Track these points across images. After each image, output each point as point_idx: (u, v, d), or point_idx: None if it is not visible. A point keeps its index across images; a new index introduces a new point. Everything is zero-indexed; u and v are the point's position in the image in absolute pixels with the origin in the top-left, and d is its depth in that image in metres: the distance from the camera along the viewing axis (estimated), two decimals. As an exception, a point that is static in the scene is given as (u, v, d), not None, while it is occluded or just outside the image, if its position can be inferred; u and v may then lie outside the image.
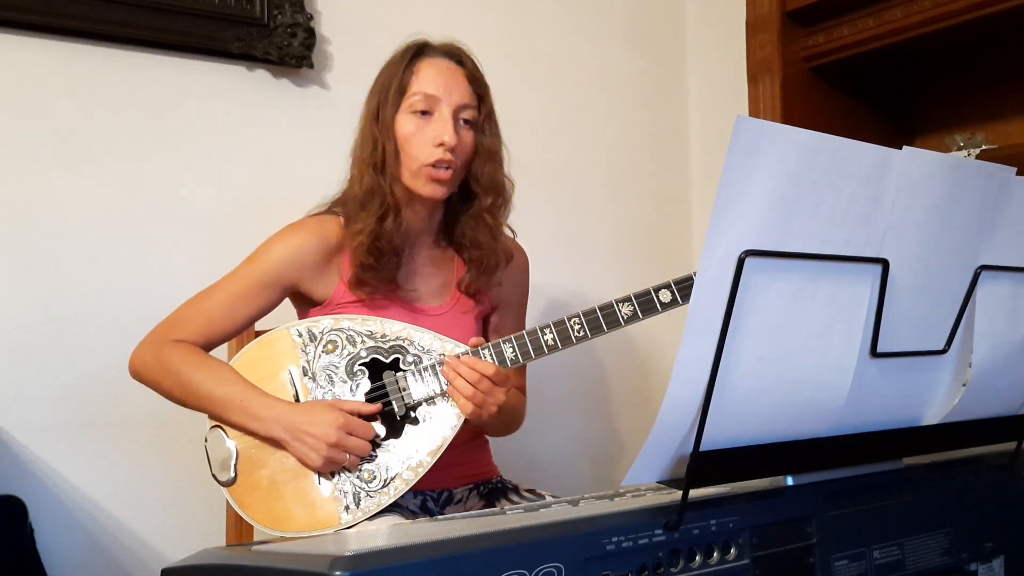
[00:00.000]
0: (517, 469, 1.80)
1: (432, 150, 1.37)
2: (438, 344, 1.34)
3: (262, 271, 1.39)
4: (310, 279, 1.41)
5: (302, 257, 1.40)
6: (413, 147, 1.39)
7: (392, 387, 1.33)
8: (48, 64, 1.68)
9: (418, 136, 1.38)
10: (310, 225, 1.43)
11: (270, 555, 0.73)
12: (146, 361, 1.36)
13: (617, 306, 1.31)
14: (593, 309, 1.31)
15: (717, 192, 0.70)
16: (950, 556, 0.93)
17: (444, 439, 1.32)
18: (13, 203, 1.64)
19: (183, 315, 1.39)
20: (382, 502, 1.29)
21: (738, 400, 0.77)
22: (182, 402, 1.35)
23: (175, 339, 1.36)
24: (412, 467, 1.30)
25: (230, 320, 1.38)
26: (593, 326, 1.31)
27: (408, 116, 1.39)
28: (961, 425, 0.97)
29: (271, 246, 1.41)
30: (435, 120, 1.39)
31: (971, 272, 0.90)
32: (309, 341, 1.34)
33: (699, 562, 0.75)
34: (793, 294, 0.77)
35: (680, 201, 2.49)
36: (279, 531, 1.29)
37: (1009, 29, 1.99)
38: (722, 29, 2.38)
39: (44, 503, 1.63)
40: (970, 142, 1.94)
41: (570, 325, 1.31)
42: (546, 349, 1.32)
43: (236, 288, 1.38)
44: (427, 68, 1.41)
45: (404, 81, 1.40)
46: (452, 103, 1.39)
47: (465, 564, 0.65)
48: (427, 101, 1.39)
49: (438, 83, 1.40)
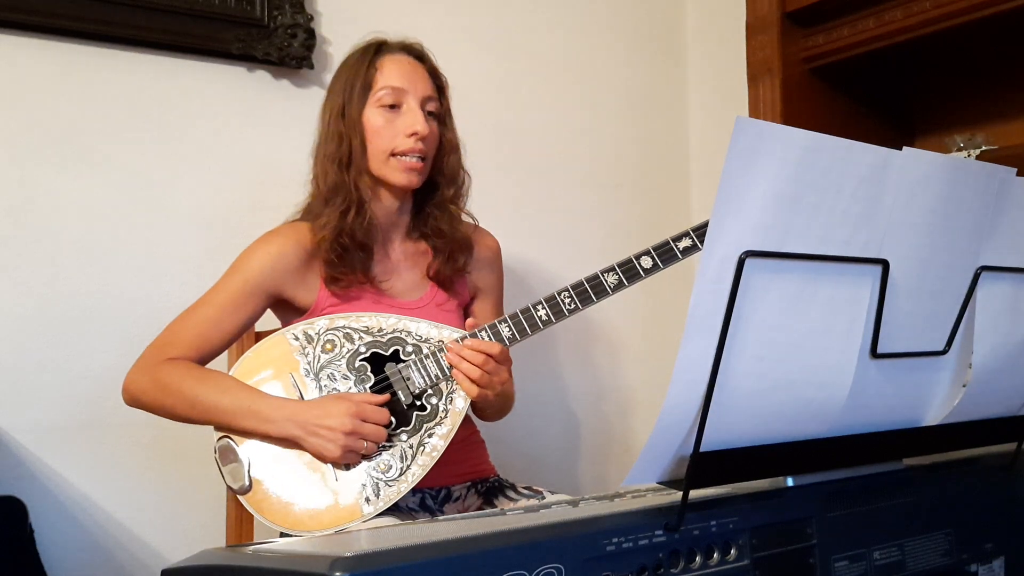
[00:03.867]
0: (516, 469, 1.80)
1: (404, 140, 1.41)
2: (435, 332, 1.36)
3: (243, 280, 1.40)
4: (292, 285, 1.42)
5: (282, 263, 1.41)
6: (384, 139, 1.42)
7: (395, 378, 1.34)
8: (48, 64, 1.68)
9: (389, 128, 1.42)
10: (285, 231, 1.44)
11: (270, 556, 0.73)
12: (142, 385, 1.35)
13: (602, 276, 1.34)
14: (580, 281, 1.35)
15: (717, 192, 0.70)
16: (950, 557, 0.93)
17: (454, 422, 1.34)
18: (13, 203, 1.64)
19: (172, 334, 1.39)
20: (402, 489, 1.30)
21: (738, 401, 0.77)
22: (187, 419, 1.34)
23: (168, 358, 1.36)
24: (427, 452, 1.32)
25: (219, 332, 1.39)
26: (583, 297, 1.34)
27: (376, 110, 1.42)
28: (961, 426, 0.97)
29: (250, 255, 1.42)
30: (404, 112, 1.42)
31: (971, 273, 0.90)
32: (307, 343, 1.34)
33: (699, 563, 0.75)
34: (793, 295, 0.77)
35: (680, 201, 2.49)
36: (302, 531, 1.28)
37: (1009, 29, 1.99)
38: (722, 30, 2.38)
39: (44, 503, 1.63)
40: (970, 143, 1.94)
41: (560, 299, 1.34)
42: (541, 324, 1.35)
43: (221, 300, 1.39)
44: (390, 63, 1.44)
45: (368, 78, 1.43)
46: (418, 95, 1.43)
47: (465, 565, 0.65)
48: (395, 94, 1.42)
49: (403, 77, 1.43)
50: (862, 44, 2.11)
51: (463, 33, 2.15)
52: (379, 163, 1.42)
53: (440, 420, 1.33)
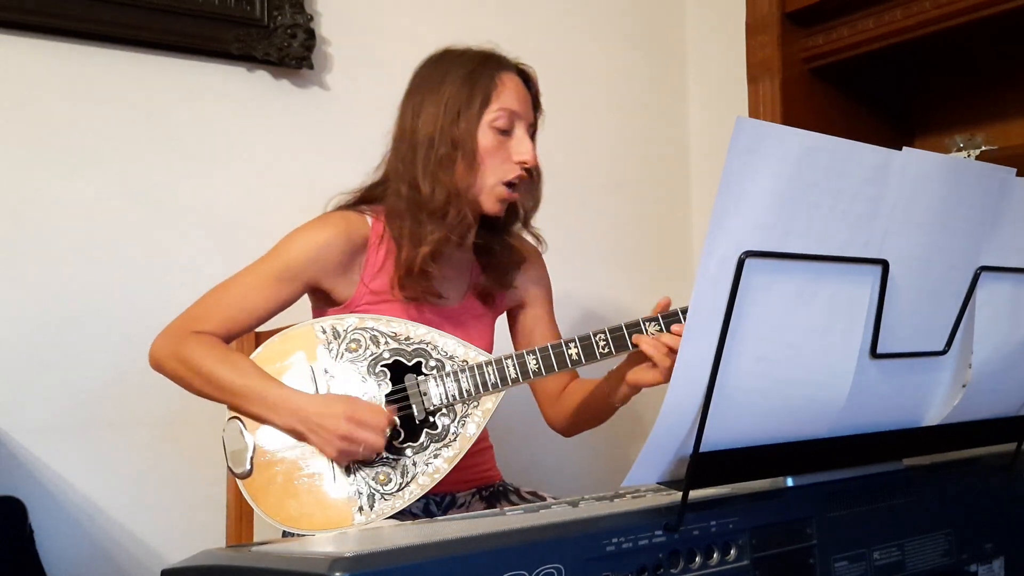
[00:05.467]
0: (517, 471, 1.80)
1: (512, 167, 1.37)
2: (462, 350, 1.32)
3: (284, 265, 1.37)
4: (332, 277, 1.39)
5: (327, 255, 1.37)
6: (494, 163, 1.36)
7: (413, 390, 1.31)
8: (48, 64, 1.68)
9: (500, 152, 1.37)
10: (336, 221, 1.40)
11: (270, 556, 0.73)
12: (166, 352, 1.34)
13: (644, 324, 1.27)
14: (619, 326, 1.27)
15: (717, 193, 0.70)
16: (950, 557, 0.93)
17: (462, 446, 1.30)
18: (13, 204, 1.64)
19: (202, 307, 1.37)
20: (396, 505, 1.28)
21: (738, 401, 0.77)
22: (202, 392, 1.33)
23: (195, 331, 1.34)
24: (429, 473, 1.29)
25: (248, 313, 1.36)
26: (618, 344, 1.27)
27: (489, 130, 1.36)
28: (961, 426, 0.97)
29: (295, 240, 1.38)
30: (515, 139, 1.38)
31: (971, 273, 0.90)
32: (333, 338, 1.33)
33: (699, 563, 0.75)
34: (793, 295, 0.77)
35: (680, 201, 2.49)
36: (292, 527, 1.28)
37: (1009, 30, 1.99)
38: (722, 30, 2.38)
39: (44, 503, 1.62)
40: (970, 143, 1.94)
41: (595, 340, 1.28)
42: (569, 363, 1.28)
43: (255, 281, 1.36)
44: (510, 83, 1.39)
45: (489, 92, 1.37)
46: (526, 121, 1.40)
47: (465, 565, 0.65)
48: (509, 118, 1.37)
49: (519, 101, 1.39)
50: (862, 44, 2.11)
51: (462, 33, 2.14)
52: (485, 187, 1.37)
53: (448, 442, 1.30)
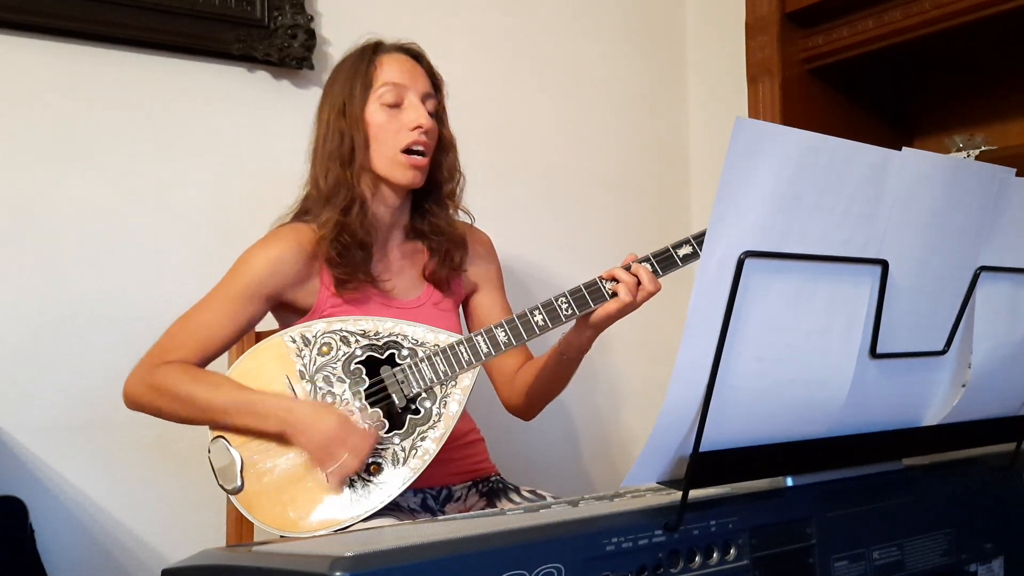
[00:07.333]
0: (517, 470, 1.80)
1: (408, 134, 1.42)
2: (431, 336, 1.36)
3: (244, 285, 1.39)
4: (292, 288, 1.42)
5: (283, 267, 1.40)
6: (388, 134, 1.42)
7: (390, 380, 1.34)
8: (48, 64, 1.68)
9: (392, 123, 1.43)
10: (284, 234, 1.44)
11: (270, 556, 0.73)
12: (139, 388, 1.36)
13: (601, 282, 1.32)
14: (578, 287, 1.33)
15: (717, 193, 0.70)
16: (950, 557, 0.93)
17: (447, 426, 1.33)
18: (13, 204, 1.64)
19: (170, 338, 1.39)
20: (392, 493, 1.30)
21: (738, 401, 0.77)
22: (184, 419, 1.35)
23: (165, 362, 1.36)
24: (419, 455, 1.32)
25: (218, 337, 1.39)
26: (580, 303, 1.32)
27: (378, 107, 1.43)
28: (961, 426, 0.97)
29: (250, 259, 1.41)
30: (406, 108, 1.44)
31: (971, 273, 0.91)
32: (304, 346, 1.35)
33: (699, 563, 0.75)
34: (793, 295, 0.77)
35: (680, 201, 2.49)
36: (293, 532, 1.29)
37: (1009, 30, 1.99)
38: (722, 30, 2.38)
39: (44, 503, 1.62)
40: (969, 143, 1.94)
41: (558, 304, 1.33)
42: (537, 330, 1.33)
43: (220, 305, 1.39)
44: (389, 61, 1.46)
45: (368, 76, 1.44)
46: (418, 91, 1.45)
47: (465, 565, 0.65)
48: (396, 91, 1.43)
49: (403, 73, 1.45)
50: (861, 45, 2.11)
51: (463, 33, 2.15)
52: (385, 161, 1.43)
53: (433, 423, 1.33)
